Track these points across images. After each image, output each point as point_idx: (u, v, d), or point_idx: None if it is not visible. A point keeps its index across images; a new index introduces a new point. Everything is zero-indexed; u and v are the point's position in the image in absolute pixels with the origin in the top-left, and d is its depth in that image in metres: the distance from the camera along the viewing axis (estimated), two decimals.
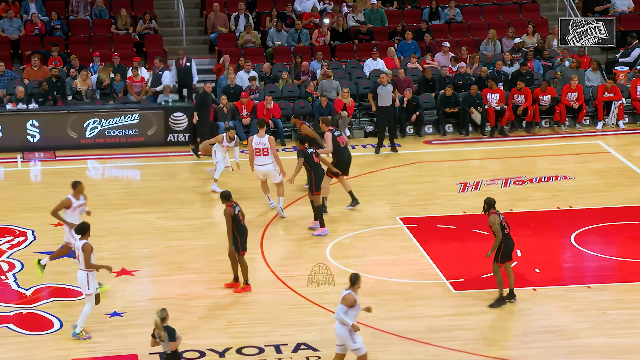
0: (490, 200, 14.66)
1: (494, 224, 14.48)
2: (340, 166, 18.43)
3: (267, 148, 18.45)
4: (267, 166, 18.53)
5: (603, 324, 14.44)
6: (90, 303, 14.04)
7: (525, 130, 23.42)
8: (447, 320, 14.71)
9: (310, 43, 25.80)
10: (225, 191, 15.30)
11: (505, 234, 14.58)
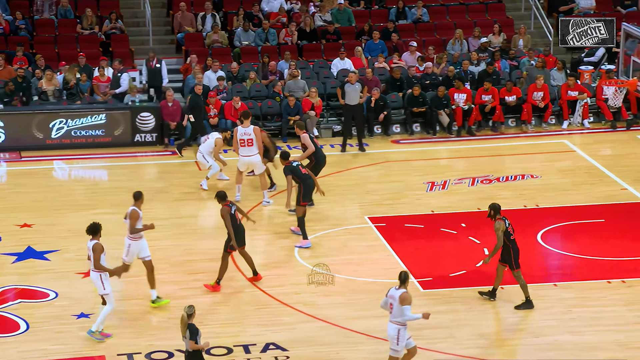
0: (496, 205, 14.67)
1: (498, 230, 14.53)
2: (318, 167, 18.41)
3: (251, 139, 18.52)
4: (252, 157, 18.66)
5: (569, 321, 14.59)
6: (111, 303, 14.02)
7: (491, 129, 23.58)
8: None
9: (277, 43, 25.80)
10: (220, 192, 15.43)
11: (511, 239, 14.63)
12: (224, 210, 15.24)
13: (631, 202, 19.05)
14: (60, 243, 17.48)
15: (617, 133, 23.12)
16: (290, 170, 17.09)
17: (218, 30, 25.73)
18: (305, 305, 15.09)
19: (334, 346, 13.92)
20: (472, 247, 17.14)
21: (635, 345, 13.86)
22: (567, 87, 23.73)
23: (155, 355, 13.70)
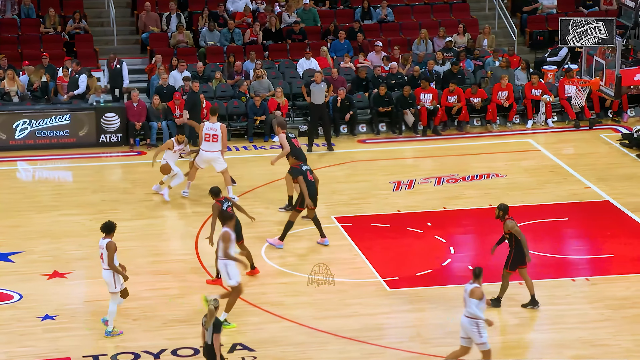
0: (505, 206, 14.67)
1: (514, 227, 14.53)
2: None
3: (217, 135, 18.50)
4: (214, 153, 18.60)
5: (534, 319, 14.69)
6: (115, 301, 14.02)
7: (457, 129, 23.68)
8: (382, 318, 14.82)
9: (243, 43, 25.75)
10: (214, 187, 15.72)
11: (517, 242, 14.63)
12: (215, 206, 15.49)
13: (595, 200, 19.21)
14: (24, 245, 17.32)
15: (581, 132, 23.31)
16: (299, 172, 16.91)
17: (183, 30, 25.63)
18: (272, 305, 15.07)
19: (301, 346, 13.92)
20: (439, 246, 17.21)
21: (598, 342, 13.99)
22: (531, 86, 23.89)
23: (121, 357, 13.62)
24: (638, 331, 14.14)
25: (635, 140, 21.94)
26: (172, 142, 19.42)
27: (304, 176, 16.93)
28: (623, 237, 17.10)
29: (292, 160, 17.54)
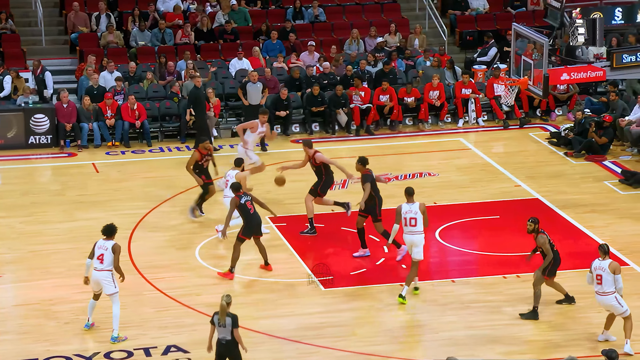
0: (536, 219, 14.66)
1: (544, 244, 14.54)
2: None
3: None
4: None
5: (467, 316, 14.85)
6: (117, 302, 13.99)
7: (390, 128, 23.83)
8: (317, 317, 14.85)
9: (174, 43, 25.57)
10: (235, 183, 15.93)
11: (554, 251, 14.66)
12: (233, 200, 15.72)
13: (525, 198, 19.49)
14: None
15: (511, 131, 23.62)
16: (369, 179, 16.44)
17: (113, 31, 25.36)
18: (206, 306, 14.99)
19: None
20: (372, 245, 17.29)
21: (529, 338, 14.19)
22: (461, 85, 24.15)
23: None
24: (569, 327, 14.39)
25: (563, 139, 22.32)
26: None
27: (373, 183, 16.39)
28: (552, 234, 17.33)
29: (359, 167, 16.74)
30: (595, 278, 13.54)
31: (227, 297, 12.29)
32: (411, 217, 15.11)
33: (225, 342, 12.23)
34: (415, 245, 15.11)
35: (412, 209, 15.15)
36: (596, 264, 13.58)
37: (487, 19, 27.39)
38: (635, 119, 22.03)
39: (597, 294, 13.63)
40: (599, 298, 13.62)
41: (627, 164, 20.96)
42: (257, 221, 15.89)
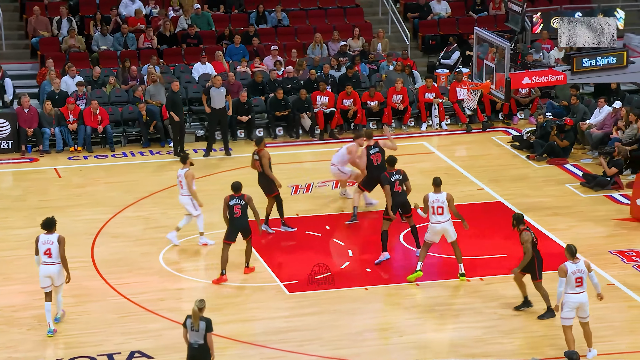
0: (519, 215, 14.67)
1: (526, 242, 14.51)
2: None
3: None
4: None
5: (432, 319, 14.92)
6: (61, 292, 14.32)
7: (353, 132, 23.85)
8: (281, 322, 14.85)
9: (137, 47, 25.46)
10: (235, 182, 16.07)
11: (536, 250, 14.61)
12: (225, 199, 15.95)
13: (488, 201, 19.62)
14: None
15: (473, 135, 23.77)
16: (387, 181, 16.56)
17: (75, 35, 25.19)
18: (170, 311, 14.95)
19: None
20: (337, 249, 17.33)
21: (492, 341, 14.28)
22: (424, 90, 24.27)
23: None
24: (530, 330, 14.50)
25: (525, 142, 22.50)
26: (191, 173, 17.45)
27: (390, 186, 16.52)
28: (516, 238, 17.46)
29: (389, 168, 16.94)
30: (575, 281, 13.46)
31: (200, 302, 12.26)
32: (438, 206, 15.77)
33: (197, 346, 12.20)
34: (446, 231, 15.83)
35: (439, 198, 15.76)
36: (573, 268, 13.47)
37: (449, 23, 27.58)
38: (596, 122, 22.27)
39: (577, 294, 13.48)
40: (583, 299, 13.52)
41: (588, 167, 21.18)
42: (237, 227, 15.88)
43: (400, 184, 16.74)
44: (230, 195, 16.00)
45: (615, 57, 17.27)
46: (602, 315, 14.83)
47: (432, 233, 15.91)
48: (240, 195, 16.01)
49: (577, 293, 13.46)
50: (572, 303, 13.43)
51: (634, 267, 16.44)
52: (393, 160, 16.95)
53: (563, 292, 13.41)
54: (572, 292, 13.44)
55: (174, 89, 22.26)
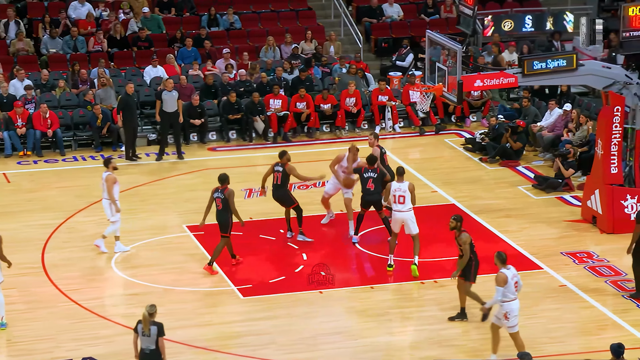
0: (459, 216, 14.59)
1: (465, 244, 14.44)
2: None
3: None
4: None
5: (385, 322, 14.98)
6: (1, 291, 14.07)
7: (307, 135, 23.91)
8: (236, 326, 14.82)
9: (87, 51, 25.26)
10: (222, 174, 16.29)
11: (473, 252, 14.54)
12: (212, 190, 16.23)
13: (441, 204, 19.73)
14: None
15: (427, 137, 23.91)
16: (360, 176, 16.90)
17: (23, 38, 24.92)
18: (122, 317, 14.85)
19: None
20: (291, 252, 17.33)
21: (447, 343, 14.36)
22: (378, 92, 24.36)
23: None
24: (485, 331, 14.59)
25: (478, 145, 22.68)
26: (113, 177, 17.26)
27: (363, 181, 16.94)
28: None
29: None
30: (514, 286, 13.55)
31: (151, 307, 12.24)
32: (400, 195, 15.98)
33: (149, 351, 12.14)
34: (406, 222, 15.95)
35: (401, 187, 16.01)
36: (511, 274, 13.45)
37: (401, 26, 27.72)
38: (547, 124, 22.53)
39: (516, 299, 13.58)
40: (516, 306, 13.53)
41: (540, 169, 21.42)
42: (217, 220, 16.17)
43: (374, 182, 16.90)
44: (216, 187, 16.11)
45: (565, 60, 17.48)
46: (555, 316, 15.01)
47: (393, 221, 16.15)
48: (222, 188, 16.12)
49: (516, 299, 13.47)
50: (515, 310, 13.41)
51: (585, 268, 16.65)
52: (373, 159, 17.13)
53: (500, 300, 13.34)
54: (514, 297, 13.44)
55: (128, 92, 22.11)
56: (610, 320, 14.90)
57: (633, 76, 17.73)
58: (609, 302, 15.45)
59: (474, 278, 14.66)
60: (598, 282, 16.11)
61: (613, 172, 17.91)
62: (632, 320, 14.80)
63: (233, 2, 27.42)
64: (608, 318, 14.97)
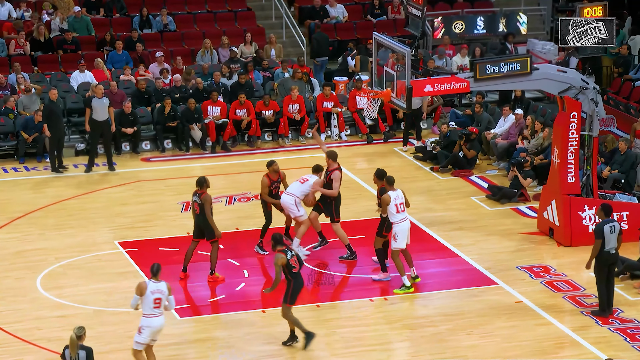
0: (277, 236, 14.52)
1: (275, 265, 14.40)
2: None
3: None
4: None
5: (333, 343, 14.99)
6: None
7: (247, 144, 23.88)
8: (171, 349, 14.73)
9: (7, 54, 24.98)
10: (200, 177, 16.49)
11: (293, 273, 14.47)
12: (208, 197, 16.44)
13: None
14: None
15: (375, 145, 24.01)
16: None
17: None
18: (48, 341, 14.70)
19: None
20: (232, 269, 17.27)
21: None
22: (322, 98, 24.41)
23: None
24: (437, 350, 14.69)
25: (429, 153, 22.83)
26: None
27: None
28: (419, 254, 17.70)
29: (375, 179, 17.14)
30: (154, 302, 13.56)
31: (79, 329, 12.15)
32: (400, 202, 16.23)
33: None
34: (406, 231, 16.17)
35: (399, 195, 16.31)
36: (153, 287, 13.56)
37: (346, 28, 27.85)
38: (501, 132, 22.76)
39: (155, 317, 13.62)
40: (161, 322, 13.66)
41: (494, 178, 21.62)
42: (196, 223, 16.50)
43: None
44: (194, 191, 16.34)
45: (519, 64, 17.66)
46: (510, 334, 15.14)
47: (401, 233, 16.20)
48: (200, 192, 16.33)
49: (155, 316, 13.46)
50: (151, 325, 13.43)
51: (542, 283, 16.83)
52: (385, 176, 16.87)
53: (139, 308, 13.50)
54: (150, 314, 13.42)
55: (51, 98, 21.90)
56: (568, 338, 15.07)
57: (589, 80, 17.99)
58: (567, 319, 15.63)
59: (291, 300, 14.56)
60: (555, 298, 16.29)
61: (570, 181, 18.14)
62: (592, 338, 14.98)
63: (166, 2, 27.33)
64: (566, 336, 15.14)
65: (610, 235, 15.34)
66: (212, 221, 16.38)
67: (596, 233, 15.41)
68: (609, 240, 15.34)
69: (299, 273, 14.54)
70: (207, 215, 16.30)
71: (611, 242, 15.37)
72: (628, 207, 18.33)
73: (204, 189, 16.40)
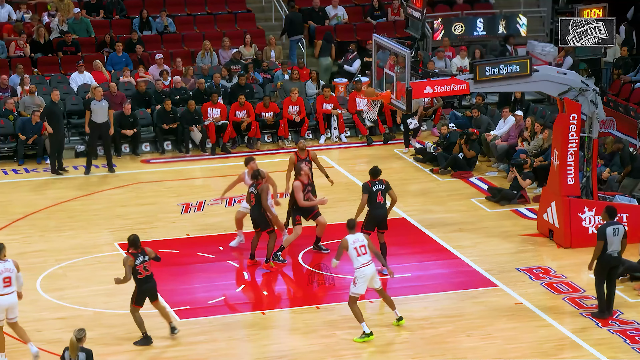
0: (132, 237, 14.57)
1: (124, 264, 14.52)
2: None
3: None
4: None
5: (332, 345, 15.00)
6: None
7: (247, 146, 23.90)
8: (172, 351, 14.74)
9: (7, 56, 25.00)
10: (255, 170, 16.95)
11: (138, 278, 14.51)
12: None
13: (390, 218, 19.76)
14: None
15: (375, 147, 24.02)
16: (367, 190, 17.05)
17: None
18: (48, 343, 14.73)
19: None
20: (232, 271, 17.29)
21: None
22: (322, 100, 24.42)
23: None
24: (437, 352, 14.71)
25: (429, 155, 22.85)
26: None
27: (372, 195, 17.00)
28: (419, 256, 17.74)
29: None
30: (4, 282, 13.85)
31: (79, 332, 12.16)
32: (361, 245, 15.21)
33: None
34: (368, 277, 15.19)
35: (358, 238, 15.26)
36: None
37: (347, 29, 27.86)
38: (501, 133, 22.78)
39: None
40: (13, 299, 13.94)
41: (494, 180, 21.64)
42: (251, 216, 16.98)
43: (383, 194, 16.91)
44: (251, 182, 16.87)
45: (518, 65, 17.68)
46: (510, 336, 15.16)
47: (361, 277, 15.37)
48: (256, 184, 16.81)
49: (7, 294, 13.80)
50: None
51: (542, 285, 16.84)
52: (377, 171, 17.02)
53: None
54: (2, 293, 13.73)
55: (53, 99, 21.93)
56: (568, 340, 15.09)
57: (589, 82, 18.01)
58: (567, 320, 15.65)
59: (137, 301, 14.68)
60: (556, 300, 16.31)
61: (570, 183, 18.16)
62: (592, 339, 15.00)
63: (166, 4, 27.35)
64: (566, 337, 15.16)
65: (613, 238, 15.35)
66: (270, 210, 16.83)
67: (599, 234, 15.43)
68: (611, 242, 15.35)
69: (146, 279, 14.56)
70: (263, 204, 16.72)
71: (614, 245, 15.38)
72: (628, 209, 18.35)
73: (259, 180, 16.83)
